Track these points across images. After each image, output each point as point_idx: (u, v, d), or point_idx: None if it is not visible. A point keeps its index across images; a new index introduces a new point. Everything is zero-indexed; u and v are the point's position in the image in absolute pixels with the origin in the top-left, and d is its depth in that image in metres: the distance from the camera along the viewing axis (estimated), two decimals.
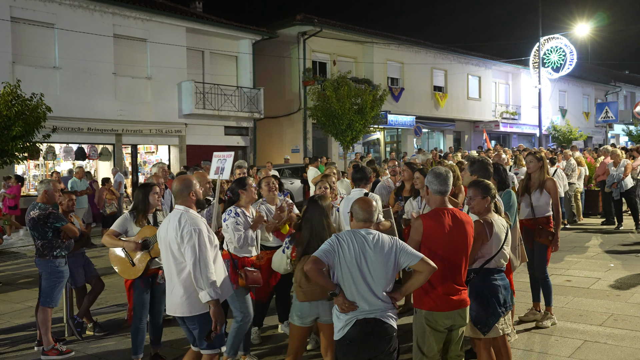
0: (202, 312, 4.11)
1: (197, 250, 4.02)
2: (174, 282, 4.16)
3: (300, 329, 4.39)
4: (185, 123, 20.81)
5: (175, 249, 4.10)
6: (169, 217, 4.27)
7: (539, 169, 6.26)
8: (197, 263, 4.00)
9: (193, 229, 4.06)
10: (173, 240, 4.10)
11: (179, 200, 4.27)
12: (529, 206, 6.23)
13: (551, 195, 6.17)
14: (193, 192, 4.25)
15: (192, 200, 4.26)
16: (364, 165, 6.17)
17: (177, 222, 4.11)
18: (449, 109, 30.91)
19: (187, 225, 4.08)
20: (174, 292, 4.16)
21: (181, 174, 7.24)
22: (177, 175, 12.91)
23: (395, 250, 3.62)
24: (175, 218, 4.16)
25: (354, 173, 5.92)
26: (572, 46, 34.23)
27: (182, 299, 4.11)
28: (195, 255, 4.01)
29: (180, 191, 4.25)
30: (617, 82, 44.75)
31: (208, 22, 21.89)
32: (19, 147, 12.18)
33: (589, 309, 6.73)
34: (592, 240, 11.41)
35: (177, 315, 4.20)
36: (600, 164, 13.51)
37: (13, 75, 15.23)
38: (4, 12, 16.26)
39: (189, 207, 4.23)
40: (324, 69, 25.82)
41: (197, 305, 4.09)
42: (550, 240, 6.14)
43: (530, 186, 6.28)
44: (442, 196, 4.07)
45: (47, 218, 5.93)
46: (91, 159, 18.77)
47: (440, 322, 3.90)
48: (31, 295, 8.40)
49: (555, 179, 12.50)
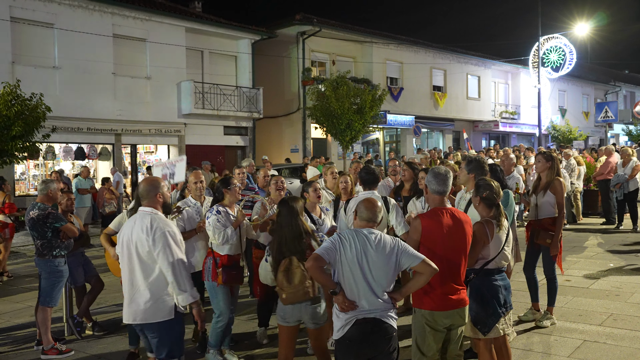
0: (166, 318, 3.94)
1: (174, 253, 3.90)
2: (136, 287, 3.95)
3: (287, 328, 4.40)
4: (185, 123, 20.81)
5: (144, 251, 3.91)
6: (133, 219, 4.07)
7: (548, 169, 6.18)
8: (176, 266, 3.87)
9: (167, 231, 3.93)
10: (142, 242, 3.91)
11: (145, 201, 4.09)
12: (534, 207, 6.21)
13: (556, 197, 6.10)
14: (160, 193, 4.11)
15: (158, 202, 4.10)
16: (374, 167, 5.99)
17: (147, 224, 3.93)
18: (448, 109, 30.92)
19: (160, 227, 3.93)
20: (137, 298, 3.95)
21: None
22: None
23: (396, 251, 3.62)
24: (144, 220, 3.98)
25: (365, 174, 5.62)
26: (571, 46, 34.24)
27: (147, 305, 3.91)
28: (173, 258, 3.88)
29: (147, 192, 4.08)
30: (616, 82, 44.77)
31: (207, 22, 21.89)
32: (18, 147, 12.19)
33: (588, 308, 6.74)
34: (591, 240, 11.42)
35: (137, 322, 3.98)
36: (604, 163, 13.46)
37: (13, 75, 15.22)
38: (4, 12, 16.26)
39: (156, 209, 4.08)
40: (324, 69, 25.83)
41: (162, 312, 3.93)
42: (549, 242, 6.08)
43: (539, 186, 6.24)
44: (441, 196, 4.07)
45: (46, 218, 5.93)
46: (90, 159, 18.77)
47: (440, 322, 3.91)
48: (31, 295, 8.40)
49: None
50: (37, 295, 6.14)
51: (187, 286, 3.92)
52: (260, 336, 6.07)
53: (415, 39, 29.68)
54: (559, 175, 6.21)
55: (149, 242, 3.89)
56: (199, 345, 5.76)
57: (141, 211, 4.08)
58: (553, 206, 6.09)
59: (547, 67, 34.09)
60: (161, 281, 3.93)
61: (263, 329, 6.10)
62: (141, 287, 3.93)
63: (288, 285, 4.19)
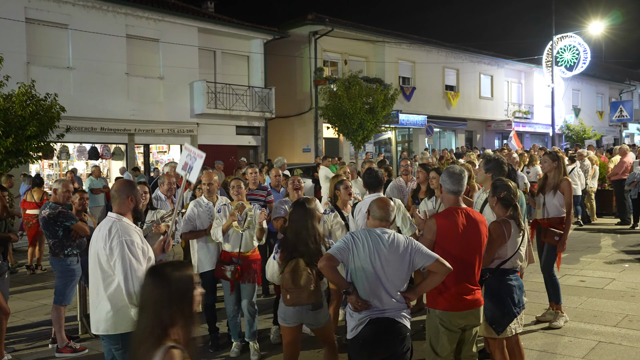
0: (128, 330, 3.63)
1: (128, 263, 3.65)
2: (100, 297, 3.77)
3: (288, 329, 4.41)
4: (197, 123, 20.89)
5: (103, 260, 3.72)
6: (99, 226, 3.86)
7: (555, 169, 6.17)
8: (129, 278, 3.63)
9: (124, 239, 3.69)
10: (101, 250, 3.72)
11: (115, 204, 3.88)
12: (543, 206, 6.18)
13: (565, 196, 6.08)
14: (132, 197, 3.90)
15: (128, 207, 3.88)
16: (377, 168, 5.97)
17: (106, 232, 3.73)
18: (461, 109, 30.76)
19: (118, 235, 3.70)
20: (100, 308, 3.78)
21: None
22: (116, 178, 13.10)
23: (410, 250, 3.60)
24: (105, 227, 3.78)
25: (367, 177, 5.59)
26: (585, 44, 33.91)
27: (108, 315, 3.73)
28: (127, 269, 3.64)
29: (119, 193, 3.87)
30: (631, 81, 44.27)
31: (220, 22, 21.95)
32: (33, 146, 12.28)
33: (603, 309, 6.67)
34: (606, 241, 11.30)
35: (100, 333, 3.82)
36: (619, 163, 13.33)
37: (27, 76, 15.37)
38: (19, 13, 16.42)
39: (123, 215, 3.85)
40: (336, 68, 25.81)
41: (124, 323, 3.71)
42: (557, 240, 6.05)
43: (546, 186, 6.22)
44: (455, 195, 4.04)
45: (57, 217, 5.98)
46: (104, 159, 18.91)
47: (454, 322, 3.88)
48: (46, 294, 8.48)
49: (575, 177, 12.47)
50: (52, 293, 6.19)
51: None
52: (274, 334, 6.09)
53: (428, 39, 29.56)
54: (565, 175, 6.21)
55: (106, 250, 3.70)
56: (211, 344, 5.99)
57: (107, 217, 3.88)
58: (562, 206, 6.08)
59: (561, 66, 33.78)
60: (120, 292, 3.70)
61: (277, 328, 6.12)
62: (102, 297, 3.76)
63: (293, 287, 4.20)
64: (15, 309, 7.64)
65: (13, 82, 12.39)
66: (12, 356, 5.98)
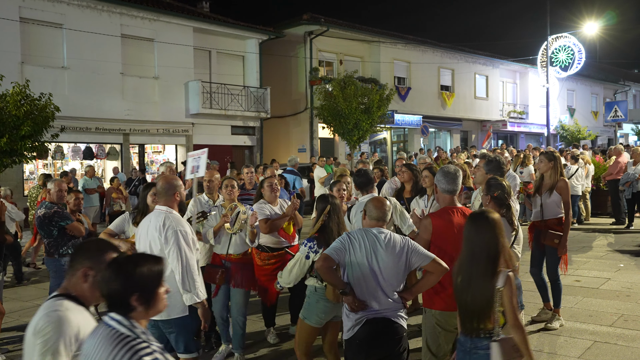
0: (181, 315, 4.06)
1: (183, 252, 3.97)
2: None
3: (317, 329, 4.43)
4: (192, 122, 20.85)
5: (157, 249, 4.00)
6: (149, 217, 4.18)
7: (551, 169, 6.10)
8: (184, 265, 3.95)
9: (179, 229, 4.01)
10: (155, 240, 4.02)
11: (162, 200, 4.17)
12: (539, 207, 6.13)
13: (562, 196, 6.04)
14: (178, 192, 4.17)
15: (175, 201, 4.17)
16: (367, 169, 5.92)
17: (160, 223, 4.03)
18: (456, 109, 30.81)
19: (172, 226, 4.01)
20: None
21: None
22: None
23: (406, 250, 3.59)
24: (158, 218, 4.07)
25: (357, 177, 5.55)
26: (580, 45, 34.03)
27: None
28: (182, 257, 3.96)
29: (165, 191, 4.14)
30: (626, 81, 44.45)
31: (215, 22, 21.92)
32: (27, 146, 12.22)
33: (598, 309, 6.68)
34: (601, 240, 11.33)
35: (156, 318, 3.99)
36: (614, 163, 13.38)
37: (22, 75, 15.30)
38: (13, 13, 16.34)
39: (172, 208, 4.15)
40: (331, 68, 25.80)
41: (176, 308, 4.01)
42: (557, 243, 6.01)
43: (542, 187, 6.16)
44: (451, 195, 4.04)
45: (52, 217, 5.95)
46: (99, 159, 18.84)
47: (451, 322, 3.87)
48: (40, 294, 8.44)
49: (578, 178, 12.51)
50: (46, 294, 6.16)
51: (192, 286, 3.97)
52: (269, 336, 6.08)
53: (423, 39, 29.60)
54: (562, 175, 6.16)
55: (161, 240, 3.98)
56: (205, 344, 5.93)
57: (156, 210, 4.16)
58: (559, 206, 6.03)
59: (556, 67, 33.90)
60: (174, 278, 3.98)
61: (272, 329, 6.12)
62: None
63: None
64: (10, 309, 7.60)
65: (7, 82, 12.34)
66: (5, 357, 5.95)
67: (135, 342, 2.07)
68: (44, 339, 2.30)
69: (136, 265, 2.18)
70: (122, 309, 2.14)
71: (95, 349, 2.08)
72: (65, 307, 2.38)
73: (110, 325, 2.12)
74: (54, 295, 2.48)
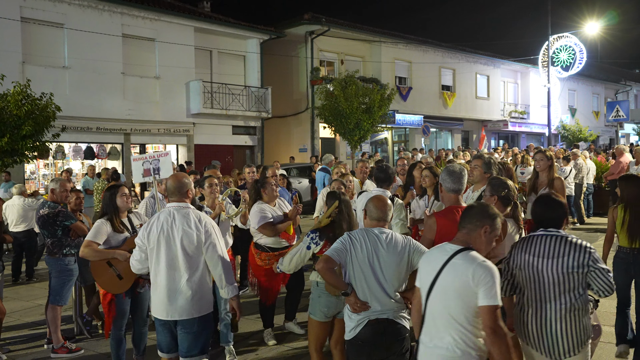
0: (207, 312, 4.02)
1: (221, 247, 3.99)
2: (179, 283, 3.89)
3: (324, 324, 4.41)
4: (193, 122, 20.85)
5: (191, 246, 3.89)
6: (170, 215, 3.96)
7: (548, 168, 6.14)
8: (224, 259, 3.96)
9: (214, 225, 4.03)
10: (191, 236, 3.88)
11: (176, 197, 4.04)
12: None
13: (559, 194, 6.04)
14: (190, 190, 4.12)
15: (189, 198, 4.11)
16: (388, 164, 5.93)
17: (195, 219, 3.93)
18: (457, 108, 30.79)
19: (209, 222, 3.99)
20: (181, 294, 3.89)
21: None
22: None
23: (409, 250, 3.57)
24: (189, 215, 3.95)
25: (377, 172, 5.63)
26: (581, 45, 34.01)
27: (194, 300, 3.90)
28: (221, 252, 3.96)
29: (179, 188, 4.04)
30: (627, 81, 44.40)
31: (216, 21, 21.92)
32: (29, 146, 12.23)
33: (600, 309, 6.60)
34: (602, 240, 11.29)
35: (184, 318, 3.91)
36: (615, 163, 13.35)
37: (23, 75, 15.31)
38: (14, 12, 16.35)
39: (189, 205, 4.10)
40: (332, 68, 25.79)
41: (205, 306, 3.99)
42: None
43: (538, 185, 6.17)
44: (456, 194, 4.02)
45: (56, 216, 5.94)
46: (100, 159, 18.84)
47: None
48: (41, 293, 8.43)
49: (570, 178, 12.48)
50: (47, 293, 6.15)
51: (233, 279, 4.01)
52: (267, 337, 6.06)
53: (424, 39, 29.58)
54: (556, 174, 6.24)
55: (199, 236, 3.91)
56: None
57: (176, 206, 4.01)
58: None
59: (557, 67, 33.88)
60: (204, 276, 3.97)
61: (269, 330, 6.10)
62: (185, 284, 3.90)
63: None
64: (11, 309, 7.60)
65: (8, 82, 12.35)
66: (7, 357, 5.94)
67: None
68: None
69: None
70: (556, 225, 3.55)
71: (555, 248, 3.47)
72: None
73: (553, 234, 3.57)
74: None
